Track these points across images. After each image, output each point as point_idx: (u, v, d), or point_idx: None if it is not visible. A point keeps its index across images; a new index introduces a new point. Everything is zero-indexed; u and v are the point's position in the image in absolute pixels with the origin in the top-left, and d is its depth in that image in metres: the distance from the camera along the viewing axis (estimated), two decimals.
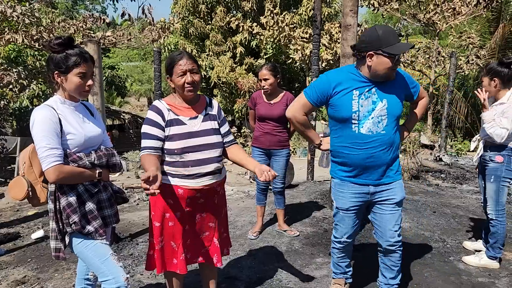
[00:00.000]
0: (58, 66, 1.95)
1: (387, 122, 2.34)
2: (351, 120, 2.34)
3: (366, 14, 26.59)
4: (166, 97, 2.37)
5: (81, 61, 1.96)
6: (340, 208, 2.55)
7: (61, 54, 1.95)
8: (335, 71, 2.46)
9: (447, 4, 11.25)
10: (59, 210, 1.97)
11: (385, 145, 2.36)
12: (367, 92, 2.32)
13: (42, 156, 1.86)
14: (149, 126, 2.23)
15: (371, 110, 2.31)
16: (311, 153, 6.83)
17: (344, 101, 2.34)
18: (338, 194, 2.54)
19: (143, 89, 31.15)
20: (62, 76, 1.97)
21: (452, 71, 8.83)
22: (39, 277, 3.34)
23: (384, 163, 2.39)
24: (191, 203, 2.29)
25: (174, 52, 2.32)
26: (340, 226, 2.59)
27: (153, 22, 10.58)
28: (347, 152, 2.41)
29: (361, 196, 2.46)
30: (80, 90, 2.01)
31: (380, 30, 2.23)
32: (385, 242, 2.52)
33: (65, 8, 29.01)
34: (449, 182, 6.81)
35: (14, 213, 5.55)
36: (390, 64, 2.22)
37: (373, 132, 2.33)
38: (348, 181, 2.47)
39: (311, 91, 2.45)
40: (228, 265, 3.43)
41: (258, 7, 15.61)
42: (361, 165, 2.39)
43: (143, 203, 5.78)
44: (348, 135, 2.38)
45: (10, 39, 9.02)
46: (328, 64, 12.89)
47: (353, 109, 2.32)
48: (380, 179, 2.42)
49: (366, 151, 2.35)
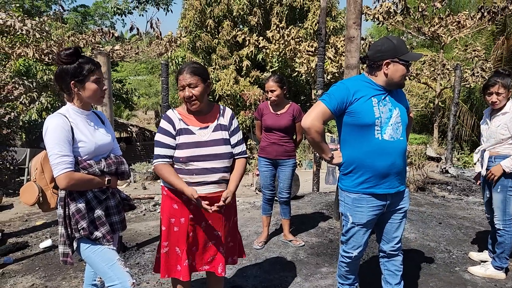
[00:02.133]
0: (74, 76, 2.02)
1: (402, 128, 2.42)
2: (374, 126, 2.34)
3: (371, 28, 26.79)
4: (179, 107, 2.44)
5: (95, 67, 2.05)
6: (357, 223, 2.47)
7: (74, 65, 2.01)
8: (351, 80, 2.50)
9: (452, 17, 11.35)
10: (68, 216, 2.01)
11: (403, 152, 2.43)
12: (383, 100, 2.38)
13: (53, 163, 1.92)
14: (161, 134, 2.32)
15: (390, 117, 2.37)
16: (317, 164, 6.86)
17: (365, 108, 2.33)
18: (356, 209, 2.45)
19: (150, 103, 31.40)
20: (78, 85, 2.04)
21: (457, 83, 8.86)
22: (46, 285, 3.38)
23: (401, 170, 2.45)
24: (196, 209, 2.33)
25: (183, 64, 2.41)
26: (353, 241, 2.53)
27: (160, 36, 10.76)
28: (369, 160, 2.36)
29: (379, 209, 2.45)
30: (98, 96, 2.10)
31: (394, 39, 2.33)
32: (390, 247, 2.57)
33: (75, 23, 29.53)
34: (455, 194, 6.78)
35: (22, 223, 5.61)
36: (405, 71, 2.34)
37: (394, 138, 2.38)
38: (369, 193, 2.40)
39: (330, 98, 2.38)
40: (234, 274, 3.45)
41: (264, 21, 15.83)
42: (383, 173, 2.37)
43: (150, 214, 5.82)
44: (371, 142, 2.36)
45: (21, 53, 9.21)
46: (334, 76, 12.99)
47: (376, 115, 2.33)
48: (398, 187, 2.46)
49: (390, 157, 2.36)
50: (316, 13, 15.21)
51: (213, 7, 16.01)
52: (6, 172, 8.32)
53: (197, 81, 2.28)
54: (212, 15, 16.03)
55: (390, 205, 2.47)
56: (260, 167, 4.13)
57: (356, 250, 2.54)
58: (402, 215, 2.54)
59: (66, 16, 26.14)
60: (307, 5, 15.71)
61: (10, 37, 9.67)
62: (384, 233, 2.58)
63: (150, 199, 6.93)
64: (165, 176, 2.26)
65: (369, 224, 2.48)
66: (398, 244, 2.56)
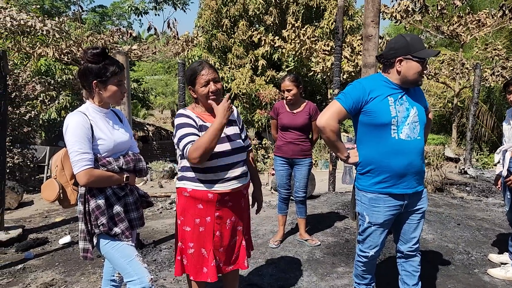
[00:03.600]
0: (98, 76, 2.05)
1: (420, 128, 2.38)
2: (391, 125, 2.32)
3: (389, 26, 26.49)
4: (188, 107, 2.42)
5: (119, 70, 2.08)
6: (373, 223, 2.46)
7: (99, 65, 2.05)
8: (367, 79, 2.48)
9: (472, 16, 11.14)
10: (88, 212, 2.05)
11: (421, 152, 2.40)
12: (400, 99, 2.35)
13: (74, 160, 1.96)
14: (184, 128, 2.23)
15: (407, 116, 2.34)
16: (333, 164, 6.82)
17: (381, 107, 2.32)
18: (373, 209, 2.44)
19: (166, 102, 31.68)
20: (100, 86, 2.07)
21: (476, 83, 8.71)
22: (66, 280, 3.44)
23: (419, 170, 2.42)
24: (221, 207, 2.33)
25: (194, 63, 2.36)
26: (370, 240, 2.52)
27: (177, 35, 10.84)
28: (386, 160, 2.34)
29: (396, 209, 2.43)
30: (118, 98, 2.13)
31: (408, 37, 2.30)
32: (407, 248, 2.54)
33: (93, 24, 29.96)
34: (474, 195, 6.67)
35: (42, 220, 5.73)
36: (420, 68, 2.28)
37: (411, 137, 2.35)
38: (386, 193, 2.38)
39: (345, 97, 2.37)
40: (250, 273, 3.46)
41: (280, 20, 15.80)
42: (400, 173, 2.34)
43: (166, 211, 5.88)
44: (387, 141, 2.34)
45: (41, 52, 9.39)
46: (350, 76, 12.89)
47: (392, 114, 2.31)
48: (416, 187, 2.42)
49: (407, 156, 2.33)
50: (333, 12, 15.11)
51: (229, 7, 16.05)
52: (26, 170, 8.51)
53: (218, 76, 2.32)
54: (228, 15, 16.07)
55: (407, 205, 2.44)
56: (276, 166, 4.13)
57: (372, 250, 2.52)
58: (420, 216, 2.50)
59: (84, 16, 26.54)
60: (323, 4, 15.62)
61: (31, 37, 9.87)
62: (401, 233, 2.55)
63: (167, 197, 7.01)
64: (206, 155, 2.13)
65: (386, 224, 2.46)
66: (416, 245, 2.54)
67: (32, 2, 22.45)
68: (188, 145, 2.15)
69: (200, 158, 2.10)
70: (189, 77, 2.31)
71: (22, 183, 8.19)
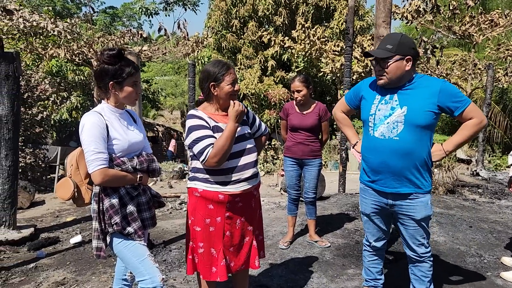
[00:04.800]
0: (114, 77, 2.07)
1: (403, 129, 2.30)
2: (368, 122, 2.45)
3: (399, 27, 26.31)
4: (199, 107, 2.41)
5: (135, 71, 2.10)
6: (363, 212, 2.66)
7: (115, 66, 2.07)
8: (371, 78, 2.59)
9: (484, 16, 11.02)
10: (102, 211, 2.07)
11: (398, 152, 2.32)
12: (388, 98, 2.37)
13: (89, 160, 1.98)
14: (199, 130, 2.22)
15: (388, 115, 2.35)
16: (343, 165, 6.79)
17: (365, 104, 2.50)
18: (362, 198, 2.64)
19: (176, 102, 31.83)
20: (116, 87, 2.10)
21: (489, 83, 8.61)
22: (77, 279, 3.47)
23: (398, 172, 2.34)
24: (231, 207, 2.33)
25: (216, 61, 2.37)
26: (367, 228, 2.69)
27: (187, 36, 10.89)
28: (366, 155, 2.50)
29: (380, 205, 2.51)
30: (133, 98, 2.15)
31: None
32: (412, 253, 2.51)
33: (104, 25, 30.22)
34: (487, 197, 6.59)
35: (54, 219, 5.79)
36: (374, 68, 2.40)
37: (385, 136, 2.35)
38: (369, 186, 2.53)
39: (349, 93, 2.69)
40: (260, 274, 3.45)
41: (290, 21, 15.79)
42: (375, 169, 2.44)
43: (176, 212, 5.90)
44: (366, 138, 2.50)
45: (53, 53, 9.50)
46: (360, 76, 12.83)
47: (370, 112, 2.42)
48: (396, 188, 2.38)
49: (379, 155, 2.39)
50: (343, 12, 15.06)
51: (238, 8, 16.09)
52: (38, 169, 8.60)
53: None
54: (238, 16, 16.11)
55: (394, 206, 2.45)
56: (285, 167, 4.12)
57: (371, 238, 2.67)
58: (415, 223, 2.42)
59: (95, 17, 26.78)
60: (333, 4, 15.59)
61: (43, 38, 9.99)
62: (403, 237, 2.55)
63: (176, 197, 7.04)
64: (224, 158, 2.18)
65: (374, 217, 2.58)
66: (420, 249, 2.46)
67: (43, 4, 22.70)
68: (208, 149, 2.17)
69: (218, 162, 2.18)
70: (214, 73, 2.27)
71: (34, 182, 8.28)
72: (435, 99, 2.27)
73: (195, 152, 2.21)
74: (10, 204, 4.45)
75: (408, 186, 2.37)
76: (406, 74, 2.31)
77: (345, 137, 6.78)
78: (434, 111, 2.29)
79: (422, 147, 2.33)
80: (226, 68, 2.29)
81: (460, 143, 2.40)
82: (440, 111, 2.32)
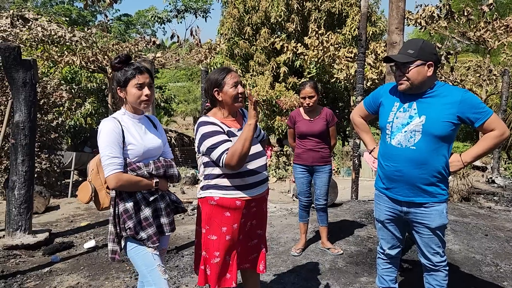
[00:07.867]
0: (118, 82, 2.14)
1: (421, 138, 2.27)
2: (386, 130, 2.43)
3: (413, 33, 26.16)
4: (209, 113, 2.41)
5: (136, 72, 2.12)
6: (377, 219, 2.63)
7: (120, 71, 2.13)
8: (390, 84, 2.56)
9: (500, 21, 10.89)
10: (117, 215, 2.10)
11: (414, 162, 2.30)
12: (407, 106, 2.34)
13: (104, 164, 2.02)
14: (215, 136, 2.21)
15: (406, 123, 2.32)
16: (356, 172, 6.75)
17: (384, 111, 2.47)
18: (376, 205, 2.62)
19: (189, 109, 32.04)
20: (123, 90, 2.14)
21: (505, 89, 8.50)
22: (90, 284, 3.50)
23: (413, 181, 2.32)
24: (247, 213, 2.35)
25: (220, 68, 2.40)
26: (381, 235, 2.66)
27: (200, 43, 10.98)
28: (382, 162, 2.49)
29: (395, 213, 2.49)
30: (139, 100, 2.14)
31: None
32: (427, 261, 2.48)
33: (118, 32, 30.66)
34: (503, 205, 6.48)
35: (68, 224, 5.86)
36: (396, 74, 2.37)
37: (402, 145, 2.33)
38: (384, 193, 2.52)
39: (368, 97, 2.66)
40: (271, 281, 3.44)
41: (302, 27, 15.80)
42: (390, 177, 2.43)
43: (188, 218, 5.92)
44: (383, 145, 2.49)
45: (69, 61, 9.66)
46: (373, 83, 12.76)
47: (388, 119, 2.41)
48: (410, 197, 2.36)
49: (395, 163, 2.37)
50: (355, 18, 15.03)
51: (251, 15, 16.16)
52: (53, 175, 8.71)
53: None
54: (250, 23, 16.18)
55: (408, 214, 2.42)
56: (295, 174, 4.12)
57: (386, 246, 2.64)
58: (430, 232, 2.38)
59: (110, 24, 27.22)
60: (345, 11, 15.55)
61: (60, 46, 10.17)
62: (418, 246, 2.52)
63: (189, 203, 7.06)
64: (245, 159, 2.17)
65: (388, 224, 2.56)
66: (435, 258, 2.43)
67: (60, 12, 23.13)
68: (227, 152, 2.16)
69: (238, 163, 2.15)
70: (215, 80, 2.30)
71: (49, 188, 8.38)
72: (455, 110, 2.23)
73: (214, 158, 2.20)
74: (26, 209, 4.52)
75: (422, 195, 2.34)
76: (427, 80, 2.27)
77: (358, 144, 6.75)
78: (453, 121, 2.24)
79: (438, 157, 2.29)
80: (226, 72, 2.31)
81: (479, 155, 2.32)
82: (459, 121, 2.27)
